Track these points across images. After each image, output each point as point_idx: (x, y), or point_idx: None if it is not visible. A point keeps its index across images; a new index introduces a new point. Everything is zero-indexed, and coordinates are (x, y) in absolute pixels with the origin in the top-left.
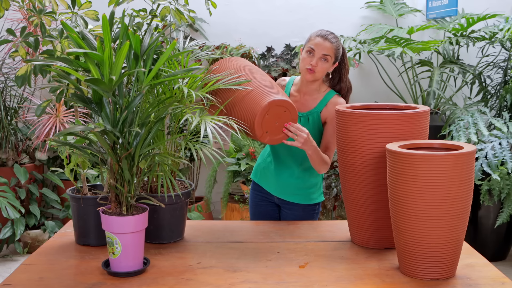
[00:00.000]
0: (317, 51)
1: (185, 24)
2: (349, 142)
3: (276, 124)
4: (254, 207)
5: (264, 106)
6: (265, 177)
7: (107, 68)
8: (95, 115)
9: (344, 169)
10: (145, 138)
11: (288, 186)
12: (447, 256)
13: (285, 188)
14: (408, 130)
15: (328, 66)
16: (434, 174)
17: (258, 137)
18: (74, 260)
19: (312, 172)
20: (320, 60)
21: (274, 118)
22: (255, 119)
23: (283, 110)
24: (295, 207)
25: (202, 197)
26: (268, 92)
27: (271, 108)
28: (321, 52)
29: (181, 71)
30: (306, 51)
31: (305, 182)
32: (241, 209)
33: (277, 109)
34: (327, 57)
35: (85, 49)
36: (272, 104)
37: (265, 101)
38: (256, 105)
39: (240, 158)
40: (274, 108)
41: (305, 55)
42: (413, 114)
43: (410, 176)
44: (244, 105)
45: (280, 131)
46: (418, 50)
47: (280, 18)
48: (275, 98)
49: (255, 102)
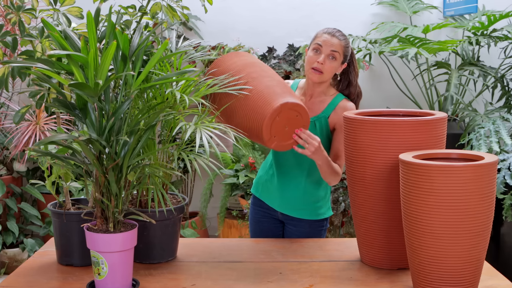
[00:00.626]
0: (324, 47)
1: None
2: (359, 152)
3: (285, 129)
4: (255, 224)
5: (275, 108)
6: (267, 191)
7: (92, 70)
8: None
9: (353, 181)
10: (134, 148)
11: (294, 200)
12: (466, 277)
13: (290, 202)
14: (423, 139)
15: (337, 65)
16: (452, 187)
17: (265, 141)
18: (56, 282)
19: (320, 184)
20: (327, 58)
21: (285, 122)
22: (264, 120)
23: (295, 114)
24: (301, 223)
25: (197, 213)
26: (281, 93)
27: (283, 110)
28: (329, 49)
29: (174, 74)
30: (312, 49)
31: (312, 195)
32: (240, 225)
33: (289, 112)
34: (335, 54)
35: (68, 49)
36: (285, 107)
37: (277, 103)
38: (266, 105)
39: (239, 169)
40: (286, 111)
41: (311, 53)
42: (428, 121)
43: (426, 189)
44: (252, 105)
45: (289, 137)
46: (434, 50)
47: (283, 15)
48: (288, 100)
49: (265, 102)
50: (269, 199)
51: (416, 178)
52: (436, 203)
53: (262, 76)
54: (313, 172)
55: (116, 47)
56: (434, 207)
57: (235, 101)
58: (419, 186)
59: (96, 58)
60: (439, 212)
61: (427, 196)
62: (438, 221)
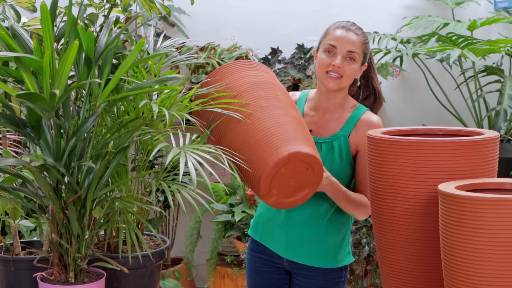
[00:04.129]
0: (339, 47)
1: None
2: (387, 182)
3: (290, 184)
4: (255, 275)
5: (282, 157)
6: (269, 232)
7: (47, 77)
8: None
9: (379, 219)
10: (101, 176)
11: (303, 243)
12: None
13: (298, 246)
14: (469, 165)
15: (357, 67)
16: (506, 226)
17: (262, 195)
18: None
19: (336, 222)
20: (345, 59)
21: (291, 176)
22: (265, 171)
23: (306, 167)
24: (313, 273)
25: (181, 259)
26: (293, 136)
27: (291, 161)
28: (346, 48)
29: (151, 82)
30: (324, 51)
31: (327, 237)
32: (235, 275)
33: (299, 164)
34: (353, 54)
35: (16, 51)
36: (294, 157)
37: (286, 150)
38: (271, 151)
39: (234, 204)
40: (295, 163)
41: (322, 55)
42: (476, 142)
43: (473, 229)
44: (254, 145)
45: (293, 193)
46: (483, 52)
47: (290, 8)
48: (300, 149)
49: (271, 146)
50: (272, 243)
51: (460, 215)
52: (486, 246)
53: (273, 106)
54: (327, 206)
55: (78, 48)
56: (483, 251)
57: (233, 132)
58: (464, 225)
59: (53, 61)
60: (489, 257)
61: (475, 237)
62: (488, 269)
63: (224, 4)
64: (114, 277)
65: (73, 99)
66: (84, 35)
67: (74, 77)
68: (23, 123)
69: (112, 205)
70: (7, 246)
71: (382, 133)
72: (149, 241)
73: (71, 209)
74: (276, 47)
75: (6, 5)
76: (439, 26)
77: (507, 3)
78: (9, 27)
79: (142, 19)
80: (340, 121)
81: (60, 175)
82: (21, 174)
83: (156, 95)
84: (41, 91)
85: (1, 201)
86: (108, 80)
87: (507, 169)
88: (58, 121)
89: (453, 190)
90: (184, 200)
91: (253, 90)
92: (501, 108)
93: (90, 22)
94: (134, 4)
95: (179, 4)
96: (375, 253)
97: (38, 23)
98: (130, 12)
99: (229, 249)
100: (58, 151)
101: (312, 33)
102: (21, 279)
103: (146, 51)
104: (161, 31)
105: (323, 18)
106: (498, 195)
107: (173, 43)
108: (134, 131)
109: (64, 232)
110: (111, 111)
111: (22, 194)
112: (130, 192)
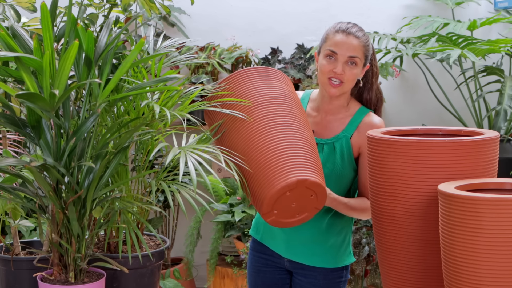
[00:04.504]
0: (340, 53)
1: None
2: (386, 182)
3: (291, 206)
4: (255, 274)
5: (289, 182)
6: (270, 233)
7: (47, 77)
8: (31, 143)
9: (379, 219)
10: (100, 176)
11: (304, 242)
12: None
13: (299, 246)
14: (469, 165)
15: (358, 71)
16: (506, 226)
17: (262, 213)
18: None
19: (337, 221)
20: (346, 65)
21: (294, 199)
22: (271, 192)
23: (311, 194)
24: (314, 273)
25: (181, 259)
26: (303, 162)
27: (298, 187)
28: (346, 54)
29: (152, 82)
30: (325, 56)
31: (328, 237)
32: (236, 275)
33: (304, 191)
34: (355, 59)
35: (16, 51)
36: (302, 184)
37: (294, 176)
38: (280, 173)
39: (234, 204)
40: (301, 189)
41: (324, 61)
42: (476, 142)
43: (472, 228)
44: (263, 164)
45: (292, 215)
46: (483, 52)
47: (290, 8)
48: (309, 177)
49: (280, 168)
50: (273, 243)
51: (460, 215)
52: (486, 247)
53: (288, 125)
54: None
55: (78, 48)
56: (483, 251)
57: (243, 143)
58: (464, 225)
59: (53, 61)
60: (489, 258)
61: (475, 237)
62: (488, 270)
63: (224, 4)
64: (114, 277)
65: (73, 99)
66: (84, 35)
67: (74, 77)
68: (23, 123)
69: (112, 205)
70: (7, 246)
71: (382, 133)
72: (149, 241)
73: (71, 209)
74: (276, 47)
75: (6, 5)
76: (439, 26)
77: (507, 3)
78: (9, 27)
79: (142, 19)
80: (342, 123)
81: (60, 175)
82: (21, 174)
83: (156, 94)
84: (41, 91)
85: (1, 201)
86: (108, 80)
87: (507, 169)
88: (58, 121)
89: (453, 190)
90: (184, 200)
91: (271, 104)
92: (501, 108)
93: (90, 22)
94: (134, 4)
95: (179, 4)
96: (375, 253)
97: (38, 23)
98: (130, 12)
99: (229, 249)
100: (58, 151)
101: (312, 33)
102: (21, 279)
103: (146, 51)
104: (161, 31)
105: (323, 18)
106: (498, 195)
107: (173, 43)
108: (134, 131)
109: (64, 232)
110: (111, 111)
111: (22, 194)
112: (130, 192)
